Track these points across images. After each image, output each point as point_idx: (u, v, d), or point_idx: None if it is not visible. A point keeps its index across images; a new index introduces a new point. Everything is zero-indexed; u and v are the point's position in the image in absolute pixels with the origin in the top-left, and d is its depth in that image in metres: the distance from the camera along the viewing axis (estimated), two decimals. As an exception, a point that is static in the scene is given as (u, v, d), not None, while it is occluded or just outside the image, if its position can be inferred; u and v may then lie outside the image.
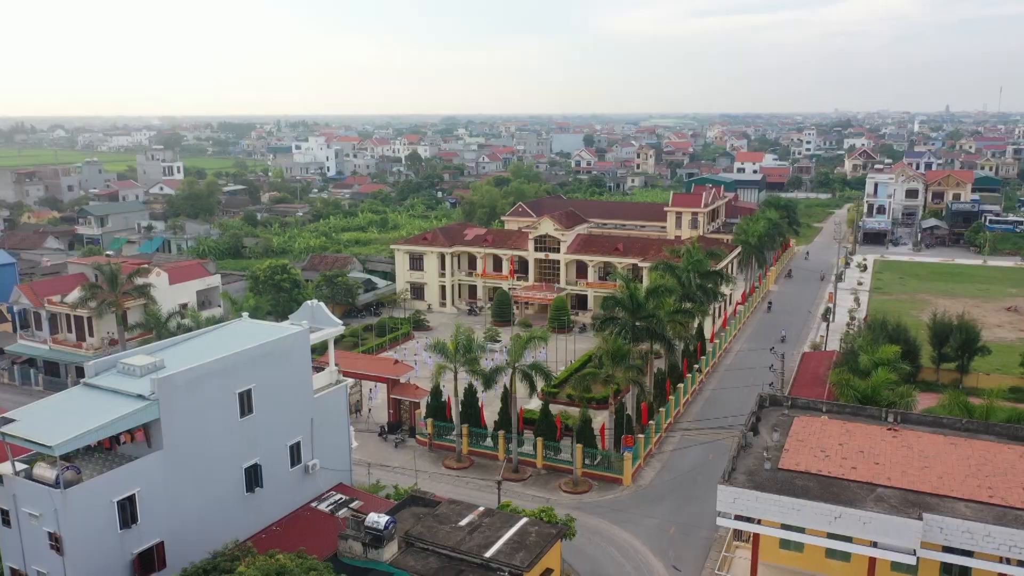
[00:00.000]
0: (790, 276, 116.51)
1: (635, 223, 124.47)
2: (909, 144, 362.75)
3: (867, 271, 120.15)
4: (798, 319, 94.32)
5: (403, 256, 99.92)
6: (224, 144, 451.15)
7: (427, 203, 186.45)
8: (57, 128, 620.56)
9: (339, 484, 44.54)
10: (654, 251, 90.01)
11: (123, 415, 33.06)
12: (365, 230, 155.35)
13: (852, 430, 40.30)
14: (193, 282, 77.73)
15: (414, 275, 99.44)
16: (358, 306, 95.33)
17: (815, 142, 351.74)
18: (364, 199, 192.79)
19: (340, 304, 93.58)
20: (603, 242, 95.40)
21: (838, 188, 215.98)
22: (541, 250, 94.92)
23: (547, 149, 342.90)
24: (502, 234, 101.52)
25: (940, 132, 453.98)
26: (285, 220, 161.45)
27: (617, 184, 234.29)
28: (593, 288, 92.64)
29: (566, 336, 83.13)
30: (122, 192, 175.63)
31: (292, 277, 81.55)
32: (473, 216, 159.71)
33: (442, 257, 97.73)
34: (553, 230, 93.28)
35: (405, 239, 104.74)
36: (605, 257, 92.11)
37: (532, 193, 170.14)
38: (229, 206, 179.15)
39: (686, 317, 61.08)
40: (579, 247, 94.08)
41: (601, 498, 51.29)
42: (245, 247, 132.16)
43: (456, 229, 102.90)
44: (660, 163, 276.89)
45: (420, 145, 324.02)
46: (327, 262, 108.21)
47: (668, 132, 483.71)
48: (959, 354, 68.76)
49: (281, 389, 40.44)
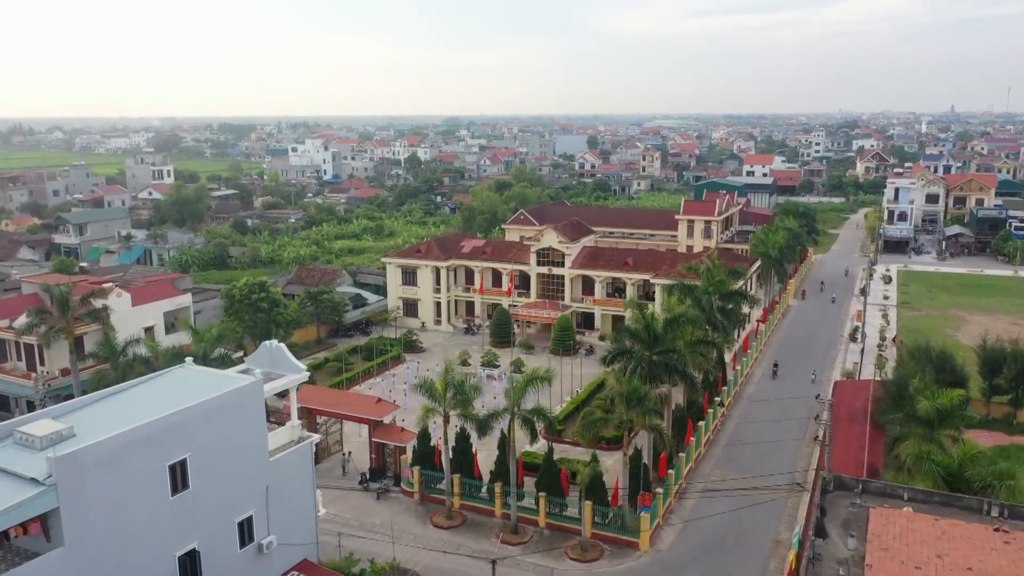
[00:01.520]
0: (822, 289, 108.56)
1: (644, 232, 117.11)
2: (919, 145, 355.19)
3: (892, 283, 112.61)
4: (822, 339, 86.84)
5: (395, 270, 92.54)
6: (223, 146, 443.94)
7: (425, 208, 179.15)
8: (55, 130, 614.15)
9: (302, 562, 37.23)
10: (667, 265, 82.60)
11: (5, 509, 25.73)
12: (359, 238, 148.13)
13: (948, 530, 31.77)
14: (161, 303, 70.43)
15: (407, 290, 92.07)
16: (345, 325, 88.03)
17: (824, 144, 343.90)
18: (360, 204, 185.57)
19: (325, 323, 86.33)
20: (611, 255, 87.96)
21: (852, 192, 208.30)
22: (544, 264, 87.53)
23: (550, 151, 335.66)
24: (502, 246, 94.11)
25: (949, 133, 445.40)
26: (276, 227, 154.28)
27: (623, 188, 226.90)
28: (600, 306, 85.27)
29: (571, 360, 75.73)
30: (107, 198, 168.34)
31: (271, 296, 74.21)
32: (473, 223, 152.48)
33: (437, 271, 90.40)
34: (557, 242, 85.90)
35: (397, 251, 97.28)
36: (614, 272, 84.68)
37: (535, 198, 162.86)
38: (219, 212, 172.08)
39: (709, 348, 53.60)
40: (585, 261, 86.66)
41: (614, 567, 43.86)
42: (231, 257, 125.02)
43: (452, 240, 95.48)
44: (666, 165, 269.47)
45: (420, 147, 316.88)
46: (314, 275, 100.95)
47: (672, 133, 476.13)
48: (1013, 386, 61.28)
49: (227, 454, 33.14)
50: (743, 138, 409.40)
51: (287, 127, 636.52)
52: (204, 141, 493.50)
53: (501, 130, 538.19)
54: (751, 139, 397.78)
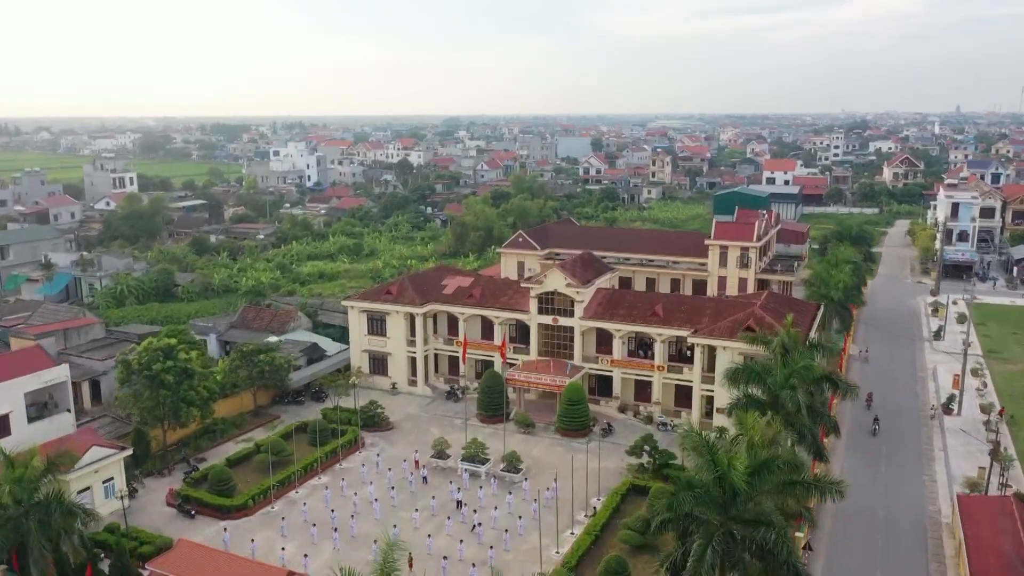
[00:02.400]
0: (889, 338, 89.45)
1: (665, 259, 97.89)
2: (940, 148, 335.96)
3: (967, 322, 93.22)
4: (906, 409, 67.62)
5: (359, 316, 73.29)
6: (211, 148, 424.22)
7: (414, 221, 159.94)
8: (42, 130, 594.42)
9: None
10: (709, 317, 63.38)
11: None
12: (334, 259, 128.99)
13: None
14: (21, 380, 51.35)
15: (374, 342, 72.87)
16: (293, 390, 68.87)
17: (842, 146, 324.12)
18: (341, 216, 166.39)
19: (266, 388, 67.14)
20: (635, 302, 68.51)
21: (885, 202, 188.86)
22: (547, 311, 68.27)
23: (552, 154, 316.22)
24: (494, 286, 74.57)
25: (965, 135, 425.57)
26: (243, 244, 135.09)
27: (632, 196, 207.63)
28: (621, 368, 66.05)
29: (583, 444, 56.73)
30: (54, 210, 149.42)
31: (181, 364, 54.96)
32: (465, 240, 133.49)
33: (411, 319, 71.22)
34: (564, 285, 66.64)
35: (360, 293, 77.08)
36: (638, 325, 65.35)
37: (535, 212, 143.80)
38: (182, 226, 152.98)
39: (804, 490, 34.08)
40: (601, 309, 67.33)
41: None
42: (178, 286, 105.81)
43: (431, 278, 75.94)
44: (676, 171, 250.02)
45: (415, 150, 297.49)
46: (263, 317, 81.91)
47: (679, 134, 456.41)
48: None
49: None
50: (753, 140, 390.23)
51: (282, 128, 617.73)
52: (193, 143, 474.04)
53: (501, 131, 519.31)
54: (761, 141, 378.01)
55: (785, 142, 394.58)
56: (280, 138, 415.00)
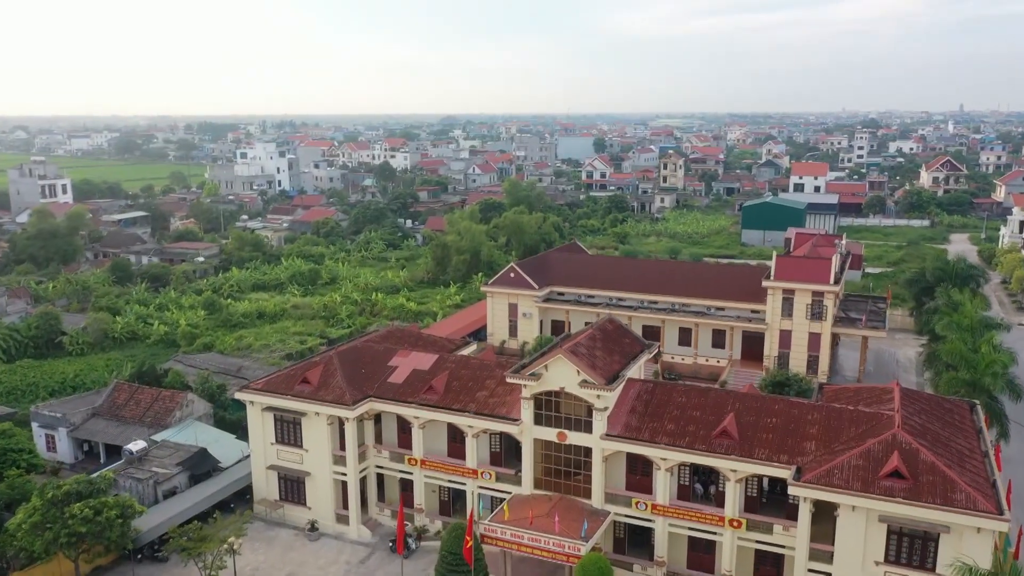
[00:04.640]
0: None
1: (705, 304, 73.08)
2: (966, 149, 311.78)
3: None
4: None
5: (263, 416, 48.24)
6: (190, 148, 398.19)
7: (389, 239, 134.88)
8: (18, 129, 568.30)
9: None
10: (816, 438, 38.50)
11: None
12: (283, 290, 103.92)
13: None
14: None
15: (285, 455, 47.91)
16: (148, 542, 43.79)
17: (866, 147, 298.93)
18: (304, 231, 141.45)
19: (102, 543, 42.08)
20: (689, 406, 43.21)
21: (935, 213, 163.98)
22: (550, 421, 43.22)
23: (551, 155, 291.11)
24: (469, 369, 48.93)
25: (983, 134, 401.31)
26: (175, 270, 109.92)
27: (643, 205, 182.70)
28: (668, 516, 41.12)
29: None
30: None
31: None
32: (447, 265, 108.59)
33: (340, 424, 46.25)
34: (578, 384, 41.53)
35: (265, 380, 49.85)
36: (696, 454, 40.22)
37: (532, 230, 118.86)
38: (113, 244, 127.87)
39: None
40: (635, 418, 42.21)
41: None
42: (65, 335, 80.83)
43: (375, 355, 50.14)
44: (689, 174, 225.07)
45: (401, 151, 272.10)
46: (140, 403, 56.93)
47: (685, 134, 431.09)
48: None
49: None
50: (765, 140, 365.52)
51: (272, 126, 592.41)
52: (173, 142, 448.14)
53: (499, 130, 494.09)
54: (776, 141, 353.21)
55: (798, 142, 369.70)
56: (268, 137, 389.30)
